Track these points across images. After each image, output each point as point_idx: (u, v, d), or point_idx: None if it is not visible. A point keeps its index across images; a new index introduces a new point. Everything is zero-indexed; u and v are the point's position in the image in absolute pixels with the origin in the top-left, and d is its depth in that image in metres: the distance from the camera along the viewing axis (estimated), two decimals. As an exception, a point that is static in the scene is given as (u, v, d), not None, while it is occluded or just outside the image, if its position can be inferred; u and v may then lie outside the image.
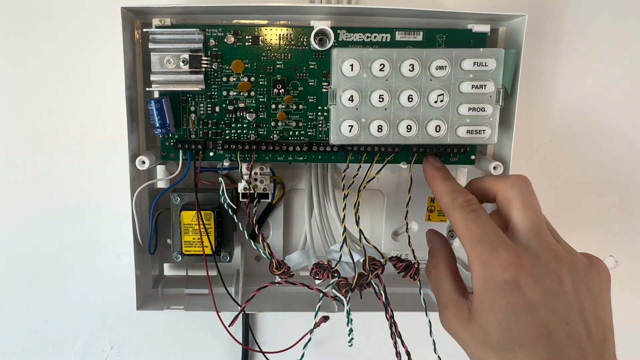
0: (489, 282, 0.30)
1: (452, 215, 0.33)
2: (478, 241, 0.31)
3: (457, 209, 0.33)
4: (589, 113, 0.50)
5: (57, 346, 0.52)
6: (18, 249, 0.50)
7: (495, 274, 0.29)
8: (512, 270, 0.29)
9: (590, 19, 0.48)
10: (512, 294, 0.29)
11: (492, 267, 0.30)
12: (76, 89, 0.47)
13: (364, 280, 0.38)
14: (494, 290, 0.29)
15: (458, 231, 0.33)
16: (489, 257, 0.30)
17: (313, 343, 0.54)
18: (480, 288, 0.30)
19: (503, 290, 0.29)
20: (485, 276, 0.30)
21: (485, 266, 0.30)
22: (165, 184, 0.45)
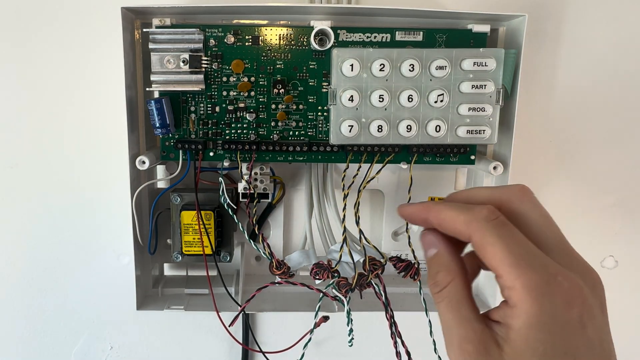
0: (545, 320, 0.23)
1: (481, 233, 0.25)
2: (527, 266, 0.23)
3: (485, 224, 0.25)
4: (589, 113, 0.50)
5: (57, 346, 0.52)
6: (18, 249, 0.50)
7: (557, 310, 0.23)
8: (578, 305, 0.23)
9: (590, 18, 0.48)
10: (575, 334, 0.23)
11: (552, 301, 0.23)
12: (76, 89, 0.47)
13: (364, 280, 0.38)
14: (551, 331, 0.23)
15: (492, 253, 0.24)
16: (546, 288, 0.23)
17: (313, 343, 0.54)
18: (530, 326, 0.23)
19: (565, 331, 0.23)
20: (541, 312, 0.23)
21: (542, 299, 0.23)
22: (165, 184, 0.45)
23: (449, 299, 0.26)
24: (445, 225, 0.27)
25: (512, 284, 0.23)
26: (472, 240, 0.25)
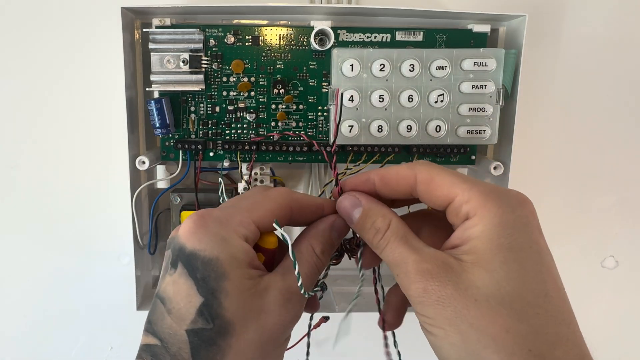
0: (507, 217, 0.23)
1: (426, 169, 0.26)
2: (477, 181, 0.25)
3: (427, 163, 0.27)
4: (589, 113, 0.50)
5: (58, 346, 0.52)
6: (18, 249, 0.50)
7: (515, 208, 0.23)
8: (530, 205, 0.24)
9: (590, 19, 0.48)
10: (534, 230, 0.24)
11: (509, 201, 0.24)
12: (76, 89, 0.47)
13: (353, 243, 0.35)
14: (514, 226, 0.23)
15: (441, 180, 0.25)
16: (500, 192, 0.24)
17: (313, 343, 0.54)
18: (493, 225, 0.23)
19: (526, 226, 0.23)
20: (502, 210, 0.23)
21: (500, 200, 0.24)
22: (165, 184, 0.45)
23: (394, 236, 0.25)
24: (390, 175, 0.27)
25: (468, 196, 0.24)
26: (417, 179, 0.26)
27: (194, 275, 0.24)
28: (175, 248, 0.25)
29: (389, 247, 0.25)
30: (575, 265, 0.53)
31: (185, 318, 0.23)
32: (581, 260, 0.53)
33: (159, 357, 0.23)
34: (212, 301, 0.23)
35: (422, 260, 0.24)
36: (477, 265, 0.23)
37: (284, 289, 0.25)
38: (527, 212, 0.24)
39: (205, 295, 0.23)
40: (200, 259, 0.24)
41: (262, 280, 0.25)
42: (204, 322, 0.23)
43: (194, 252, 0.24)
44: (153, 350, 0.24)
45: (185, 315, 0.23)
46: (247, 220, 0.25)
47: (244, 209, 0.26)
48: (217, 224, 0.25)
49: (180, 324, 0.23)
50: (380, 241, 0.26)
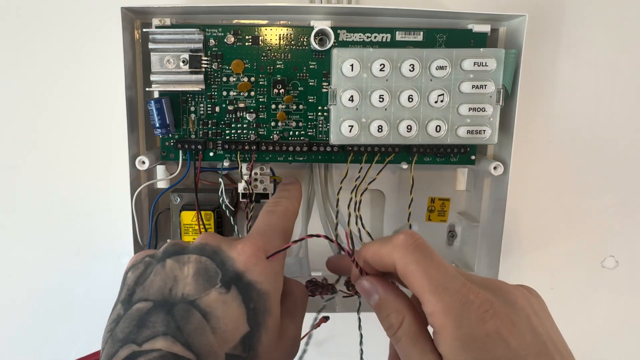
0: (466, 339, 0.23)
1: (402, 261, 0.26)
2: (443, 291, 0.24)
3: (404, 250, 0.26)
4: (589, 113, 0.50)
5: (57, 346, 0.52)
6: (18, 249, 0.50)
7: (473, 327, 0.23)
8: (490, 319, 0.24)
9: (590, 19, 0.48)
10: (496, 347, 0.23)
11: (468, 319, 0.24)
12: (76, 89, 0.47)
13: None
14: (474, 348, 0.23)
15: (413, 280, 0.25)
16: (461, 308, 0.24)
17: (313, 343, 0.54)
18: (455, 348, 0.24)
19: (485, 346, 0.23)
20: (460, 333, 0.24)
21: (459, 320, 0.24)
22: (165, 184, 0.45)
23: (405, 336, 0.26)
24: (374, 259, 0.28)
25: (432, 309, 0.24)
26: (396, 267, 0.26)
27: (248, 305, 0.25)
28: (228, 268, 0.25)
29: (399, 345, 0.26)
30: (575, 265, 0.53)
31: (228, 341, 0.24)
32: (581, 260, 0.53)
33: None
34: (255, 333, 0.25)
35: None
36: None
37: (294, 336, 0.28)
38: (488, 329, 0.24)
39: (252, 326, 0.25)
40: (256, 290, 0.25)
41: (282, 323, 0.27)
42: (241, 350, 0.24)
43: (251, 283, 0.25)
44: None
45: (230, 339, 0.24)
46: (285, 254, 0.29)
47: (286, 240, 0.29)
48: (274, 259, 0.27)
49: (223, 346, 0.24)
50: (392, 336, 0.27)
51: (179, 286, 0.25)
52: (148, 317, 0.24)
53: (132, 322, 0.24)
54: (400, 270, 0.26)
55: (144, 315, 0.24)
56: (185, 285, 0.25)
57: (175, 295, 0.25)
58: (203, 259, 0.26)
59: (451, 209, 0.49)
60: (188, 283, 0.25)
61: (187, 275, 0.25)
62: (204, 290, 0.25)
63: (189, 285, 0.25)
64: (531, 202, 0.51)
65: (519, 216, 0.51)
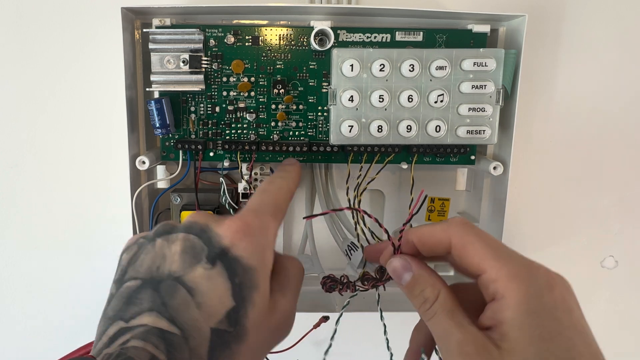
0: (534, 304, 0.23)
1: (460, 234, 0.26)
2: (507, 257, 0.25)
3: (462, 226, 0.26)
4: (589, 113, 0.50)
5: (57, 346, 0.52)
6: (18, 249, 0.50)
7: (542, 292, 0.23)
8: (559, 287, 0.24)
9: (590, 18, 0.48)
10: (563, 315, 0.23)
11: (536, 284, 0.23)
12: (76, 89, 0.47)
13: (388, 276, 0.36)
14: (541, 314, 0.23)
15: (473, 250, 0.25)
16: (528, 273, 0.24)
17: (313, 343, 0.54)
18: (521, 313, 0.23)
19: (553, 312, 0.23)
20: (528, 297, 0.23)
21: (527, 284, 0.23)
22: (165, 184, 0.45)
23: (442, 308, 0.26)
24: (425, 237, 0.28)
25: (497, 275, 0.24)
26: (452, 242, 0.26)
27: (233, 279, 0.25)
28: (214, 244, 0.25)
29: (435, 319, 0.26)
30: (575, 265, 0.53)
31: (213, 316, 0.24)
32: (581, 260, 0.53)
33: (176, 347, 0.23)
34: (240, 308, 0.24)
35: (465, 342, 0.24)
36: (512, 354, 0.23)
37: (289, 311, 0.27)
38: (555, 294, 0.24)
39: (237, 301, 0.24)
40: (242, 265, 0.25)
41: (271, 297, 0.27)
42: (227, 324, 0.24)
43: (237, 258, 0.25)
44: (169, 338, 0.23)
45: (215, 313, 0.24)
46: (277, 229, 0.28)
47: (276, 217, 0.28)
48: (261, 234, 0.26)
49: (208, 321, 0.24)
50: (427, 311, 0.26)
51: (166, 263, 0.25)
52: (136, 294, 0.25)
53: (122, 300, 0.25)
54: (458, 243, 0.26)
55: (132, 293, 0.25)
56: (172, 263, 0.25)
57: (162, 272, 0.25)
58: (190, 236, 0.26)
59: (451, 209, 0.49)
60: (175, 260, 0.25)
61: (174, 252, 0.25)
62: (190, 267, 0.25)
63: (176, 263, 0.25)
64: (531, 202, 0.51)
65: (519, 216, 0.51)
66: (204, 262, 0.25)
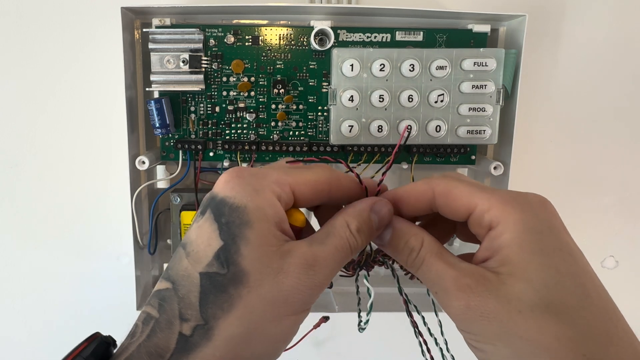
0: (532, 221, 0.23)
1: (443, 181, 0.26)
2: (494, 189, 0.25)
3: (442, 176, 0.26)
4: (589, 113, 0.50)
5: (57, 347, 0.52)
6: (18, 249, 0.50)
7: (537, 211, 0.23)
8: (550, 207, 0.24)
9: (590, 18, 0.48)
10: (560, 232, 0.23)
11: (530, 205, 0.23)
12: (76, 89, 0.47)
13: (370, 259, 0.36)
14: (540, 230, 0.23)
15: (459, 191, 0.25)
16: (520, 197, 0.24)
17: (313, 343, 0.54)
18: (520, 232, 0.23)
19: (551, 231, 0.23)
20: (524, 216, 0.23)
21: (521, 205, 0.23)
22: (165, 184, 0.45)
23: (429, 253, 0.25)
24: (406, 194, 0.27)
25: (489, 204, 0.24)
26: (435, 192, 0.26)
27: (219, 220, 0.23)
28: (207, 198, 0.25)
29: (424, 265, 0.25)
30: (575, 265, 0.53)
31: (201, 260, 0.23)
32: (581, 260, 0.53)
33: (167, 300, 0.23)
34: (231, 246, 0.23)
35: (461, 276, 0.23)
36: (513, 276, 0.22)
37: (309, 254, 0.24)
38: (549, 213, 0.23)
39: (226, 240, 0.23)
40: (228, 205, 0.23)
41: (287, 243, 0.24)
42: (219, 266, 0.22)
43: (223, 199, 0.24)
44: (162, 294, 0.23)
45: (202, 257, 0.23)
46: (284, 181, 0.25)
47: (282, 171, 0.25)
48: (253, 176, 0.24)
49: (196, 266, 0.23)
50: (415, 260, 0.25)
51: None
52: None
53: None
54: (443, 190, 0.25)
55: None
56: None
57: None
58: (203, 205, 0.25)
59: (451, 209, 0.49)
60: None
61: None
62: (189, 227, 0.25)
63: None
64: (531, 202, 0.51)
65: (519, 216, 0.51)
66: (197, 216, 0.24)
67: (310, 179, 0.26)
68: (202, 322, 0.22)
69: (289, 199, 0.25)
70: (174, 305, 0.22)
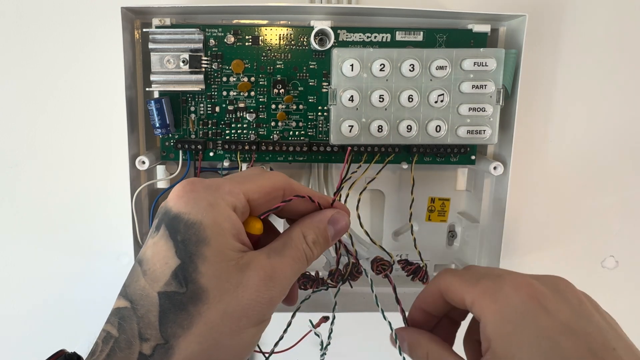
0: (508, 312, 0.24)
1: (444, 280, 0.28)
2: (476, 280, 0.26)
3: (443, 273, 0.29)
4: (589, 113, 0.50)
5: (57, 347, 0.52)
6: (18, 249, 0.50)
7: (512, 298, 0.24)
8: (527, 289, 0.24)
9: (590, 19, 0.48)
10: (540, 317, 0.23)
11: (503, 293, 0.24)
12: (76, 89, 0.47)
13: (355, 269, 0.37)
14: (518, 320, 0.23)
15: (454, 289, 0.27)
16: (495, 286, 0.25)
17: (313, 343, 0.54)
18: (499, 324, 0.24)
19: (528, 314, 0.23)
20: (499, 307, 0.24)
21: (497, 295, 0.24)
22: (165, 184, 0.45)
23: None
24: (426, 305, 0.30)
25: (472, 298, 0.25)
26: (440, 288, 0.28)
27: (175, 238, 0.23)
28: (161, 212, 0.24)
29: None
30: (575, 265, 0.53)
31: (159, 279, 0.23)
32: (581, 260, 0.53)
33: (126, 319, 0.23)
34: (188, 265, 0.22)
35: None
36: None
37: (267, 266, 0.24)
38: (522, 297, 0.24)
39: (183, 259, 0.23)
40: (183, 221, 0.23)
41: (245, 255, 0.24)
42: (177, 285, 0.22)
43: (178, 215, 0.23)
44: (121, 312, 0.23)
45: (160, 276, 0.23)
46: (237, 191, 0.25)
47: (235, 181, 0.25)
48: (206, 189, 0.24)
49: (153, 286, 0.23)
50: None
51: None
52: None
53: None
54: (443, 287, 0.28)
55: None
56: None
57: None
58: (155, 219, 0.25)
59: (451, 209, 0.49)
60: None
61: None
62: (144, 244, 0.24)
63: None
64: (531, 202, 0.51)
65: (519, 216, 0.51)
66: (152, 232, 0.24)
67: (263, 185, 0.26)
68: (162, 342, 0.22)
69: (244, 208, 0.25)
70: (133, 325, 0.22)
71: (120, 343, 0.22)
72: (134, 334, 0.22)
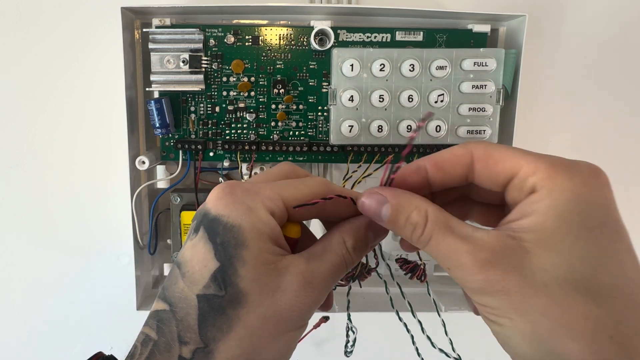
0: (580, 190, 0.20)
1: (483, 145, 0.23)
2: (541, 154, 0.22)
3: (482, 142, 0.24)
4: (589, 113, 0.50)
5: (57, 347, 0.52)
6: (18, 249, 0.50)
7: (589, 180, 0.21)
8: (604, 177, 0.21)
9: (590, 18, 0.48)
10: (610, 206, 0.21)
11: (581, 172, 0.21)
12: (76, 89, 0.47)
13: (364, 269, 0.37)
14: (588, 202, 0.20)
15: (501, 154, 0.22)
16: (570, 164, 0.21)
17: (313, 343, 0.54)
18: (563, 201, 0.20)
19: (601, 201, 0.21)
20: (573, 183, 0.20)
21: (571, 171, 0.21)
22: (165, 184, 0.45)
23: (437, 228, 0.22)
24: (443, 158, 0.24)
25: (535, 167, 0.21)
26: (474, 156, 0.23)
27: (214, 240, 0.23)
28: (200, 214, 0.24)
29: (433, 241, 0.22)
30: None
31: (198, 282, 0.23)
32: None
33: (165, 322, 0.22)
34: (228, 268, 0.22)
35: (477, 250, 0.21)
36: (544, 246, 0.20)
37: (306, 271, 0.23)
38: (601, 184, 0.21)
39: (222, 261, 0.23)
40: (222, 224, 0.23)
41: (283, 259, 0.24)
42: (216, 288, 0.22)
43: (217, 217, 0.23)
44: (160, 315, 0.23)
45: (199, 279, 0.23)
46: (277, 197, 0.24)
47: (276, 186, 0.25)
48: (245, 193, 0.24)
49: (192, 288, 0.23)
50: (421, 237, 0.22)
51: None
52: None
53: None
54: (483, 154, 0.23)
55: None
56: None
57: None
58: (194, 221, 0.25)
59: (451, 209, 0.49)
60: None
61: None
62: (183, 245, 0.25)
63: None
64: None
65: (519, 216, 0.51)
66: (191, 234, 0.24)
67: (303, 193, 0.25)
68: (202, 345, 0.22)
69: (282, 214, 0.25)
70: (172, 328, 0.22)
71: (160, 346, 0.22)
72: (173, 337, 0.22)
